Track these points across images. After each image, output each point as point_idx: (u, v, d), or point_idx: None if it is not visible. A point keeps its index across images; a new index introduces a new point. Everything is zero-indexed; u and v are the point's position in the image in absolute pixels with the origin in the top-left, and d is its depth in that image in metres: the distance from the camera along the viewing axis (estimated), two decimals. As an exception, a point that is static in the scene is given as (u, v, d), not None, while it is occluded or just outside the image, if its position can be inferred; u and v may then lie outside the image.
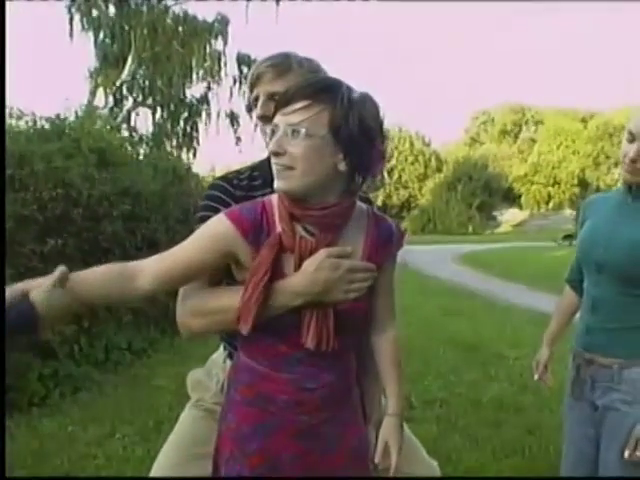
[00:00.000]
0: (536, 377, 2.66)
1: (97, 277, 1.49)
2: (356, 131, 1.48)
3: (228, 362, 1.91)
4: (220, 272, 1.61)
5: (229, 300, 1.54)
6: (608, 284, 2.21)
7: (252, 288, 1.49)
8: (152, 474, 1.94)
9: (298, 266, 1.53)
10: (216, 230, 1.54)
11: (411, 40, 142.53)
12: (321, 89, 1.49)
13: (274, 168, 1.49)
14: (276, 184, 1.50)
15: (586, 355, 2.28)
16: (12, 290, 1.41)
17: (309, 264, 1.51)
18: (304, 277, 1.51)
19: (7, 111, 7.63)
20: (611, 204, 2.35)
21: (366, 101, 1.53)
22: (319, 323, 1.52)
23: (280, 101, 1.50)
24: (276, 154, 1.47)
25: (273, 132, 1.50)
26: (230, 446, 1.62)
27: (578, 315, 2.47)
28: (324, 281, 1.51)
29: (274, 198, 1.57)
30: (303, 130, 1.46)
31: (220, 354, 2.05)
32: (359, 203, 1.62)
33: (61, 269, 1.42)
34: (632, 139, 2.13)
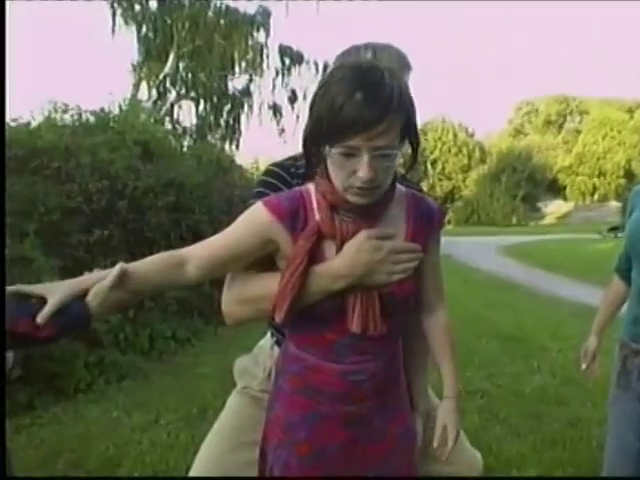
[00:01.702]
0: (584, 367, 2.62)
1: (150, 268, 1.50)
2: (414, 121, 1.47)
3: (275, 349, 1.90)
4: (266, 260, 1.59)
5: (269, 287, 1.52)
6: (656, 274, 2.17)
7: (288, 276, 1.48)
8: (198, 461, 1.93)
9: (340, 250, 1.51)
10: (255, 218, 1.53)
11: (455, 30, 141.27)
12: (395, 104, 1.40)
13: (352, 189, 1.43)
14: (356, 200, 1.45)
15: (633, 345, 2.26)
16: (73, 287, 1.41)
17: (349, 246, 1.49)
18: (344, 260, 1.49)
19: (51, 105, 7.78)
20: None
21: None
22: (364, 306, 1.50)
23: (362, 126, 1.36)
24: (370, 181, 1.41)
25: (350, 155, 1.40)
26: (278, 434, 1.63)
27: (625, 306, 2.45)
28: (365, 263, 1.48)
29: (311, 187, 1.55)
30: (388, 152, 1.41)
31: (267, 341, 2.03)
32: (398, 185, 1.59)
33: (120, 268, 1.42)
34: None
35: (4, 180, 1.32)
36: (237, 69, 20.14)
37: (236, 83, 20.80)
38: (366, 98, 1.36)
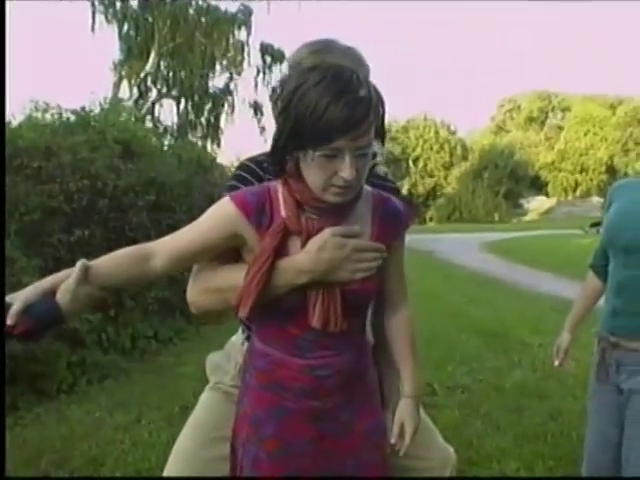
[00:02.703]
0: (556, 363, 2.66)
1: (115, 263, 1.53)
2: (384, 119, 1.50)
3: (246, 345, 1.89)
4: (233, 253, 1.61)
5: (235, 279, 1.55)
6: (636, 267, 2.20)
7: (254, 273, 1.50)
8: (172, 457, 1.95)
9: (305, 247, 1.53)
10: (221, 212, 1.56)
11: (436, 28, 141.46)
12: (374, 104, 1.44)
13: (333, 188, 1.45)
14: (334, 199, 1.47)
15: (612, 338, 2.28)
16: (39, 286, 1.45)
17: (313, 243, 1.51)
18: (308, 255, 1.51)
19: (33, 104, 7.75)
20: (638, 187, 2.36)
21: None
22: (325, 302, 1.52)
23: (349, 127, 1.39)
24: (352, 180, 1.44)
25: (332, 156, 1.42)
26: (246, 430, 1.65)
27: (602, 300, 2.47)
28: (328, 260, 1.50)
29: (279, 184, 1.56)
30: (368, 150, 1.44)
31: (239, 337, 2.05)
32: (365, 185, 1.59)
33: (81, 264, 1.46)
34: None
35: (4, 180, 1.33)
36: (218, 67, 20.14)
37: (217, 81, 20.81)
38: (350, 100, 1.39)
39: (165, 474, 1.93)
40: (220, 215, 1.56)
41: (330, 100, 1.38)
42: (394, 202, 1.66)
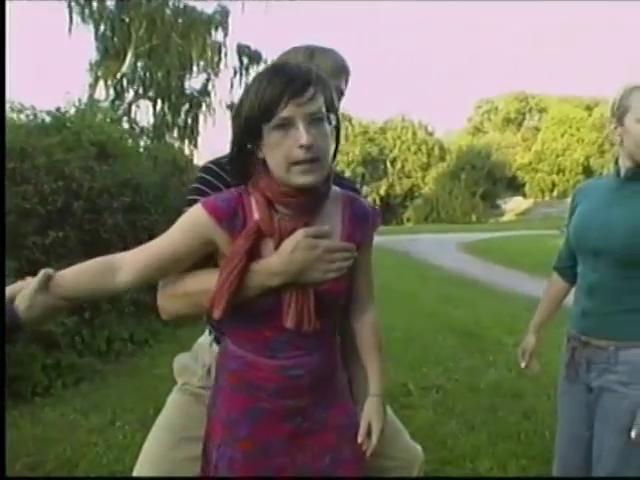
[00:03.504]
0: (523, 365, 2.68)
1: (79, 275, 1.53)
2: (334, 103, 1.55)
3: (214, 346, 1.93)
4: (201, 261, 1.61)
5: (205, 283, 1.56)
6: (606, 269, 2.23)
7: (226, 274, 1.51)
8: (142, 458, 1.96)
9: (278, 248, 1.55)
10: (192, 220, 1.56)
11: (414, 30, 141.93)
12: (315, 77, 1.50)
13: (299, 165, 1.47)
14: (302, 180, 1.48)
15: (582, 337, 2.30)
16: (8, 290, 1.47)
17: (286, 244, 1.53)
18: (281, 257, 1.52)
19: (8, 105, 7.67)
20: (602, 189, 2.37)
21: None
22: (299, 303, 1.54)
23: (292, 92, 1.45)
24: (308, 147, 1.45)
25: (286, 127, 1.46)
26: (221, 432, 1.66)
27: (569, 300, 2.50)
28: (301, 261, 1.52)
29: (250, 187, 1.58)
30: (320, 115, 1.48)
31: (206, 338, 2.06)
32: (334, 187, 1.63)
33: (44, 272, 1.47)
34: None
35: (4, 180, 1.34)
36: (195, 68, 20.08)
37: (194, 82, 20.74)
38: (289, 73, 1.47)
39: (135, 474, 1.94)
40: (192, 222, 1.57)
41: (270, 79, 1.47)
42: (362, 202, 1.70)
